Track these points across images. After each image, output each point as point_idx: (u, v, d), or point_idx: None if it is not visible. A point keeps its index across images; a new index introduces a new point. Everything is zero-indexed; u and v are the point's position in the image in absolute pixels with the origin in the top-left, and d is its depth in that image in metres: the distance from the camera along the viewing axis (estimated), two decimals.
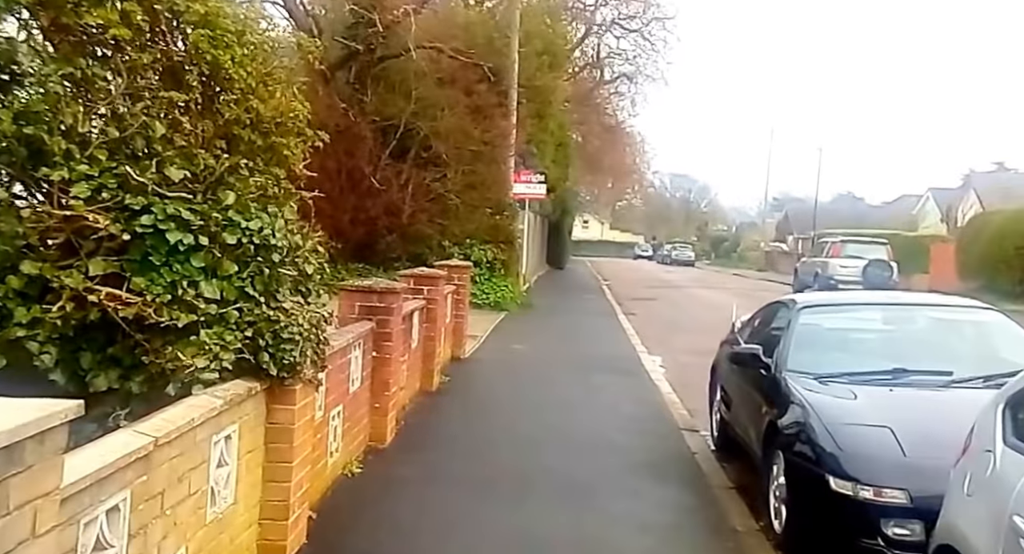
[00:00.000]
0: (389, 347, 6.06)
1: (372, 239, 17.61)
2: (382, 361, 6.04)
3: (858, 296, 7.01)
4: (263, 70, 3.82)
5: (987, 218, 26.43)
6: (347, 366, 5.35)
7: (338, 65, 18.33)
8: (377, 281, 6.11)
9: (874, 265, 23.60)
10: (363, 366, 5.71)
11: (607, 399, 8.42)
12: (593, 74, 36.43)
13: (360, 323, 5.86)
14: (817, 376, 4.83)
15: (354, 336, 5.42)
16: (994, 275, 24.44)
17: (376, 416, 6.03)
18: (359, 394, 5.65)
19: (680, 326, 16.25)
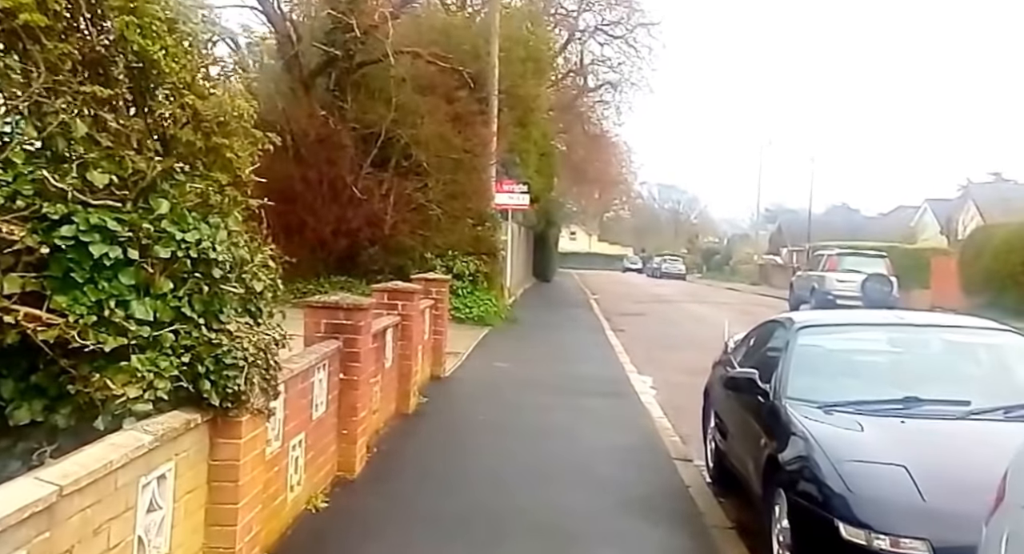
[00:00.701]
0: (358, 368, 5.72)
1: (354, 251, 17.33)
2: (350, 384, 5.69)
3: (862, 316, 6.65)
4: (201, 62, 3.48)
5: (991, 231, 25.93)
6: (309, 390, 5.00)
7: (317, 71, 18.13)
8: (344, 297, 5.76)
9: (873, 280, 23.21)
10: (328, 389, 5.36)
11: (594, 425, 8.08)
12: (577, 81, 36.35)
13: (325, 342, 5.51)
14: (820, 404, 4.50)
15: (317, 357, 5.08)
16: (1000, 291, 23.87)
17: (344, 444, 5.67)
18: (324, 420, 5.30)
19: (671, 343, 15.96)
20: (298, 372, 4.65)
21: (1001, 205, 33.20)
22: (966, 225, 35.83)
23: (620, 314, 22.44)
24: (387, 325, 7.23)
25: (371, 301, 5.90)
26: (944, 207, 45.79)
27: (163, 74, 3.31)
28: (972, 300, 25.42)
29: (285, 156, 17.03)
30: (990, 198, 36.51)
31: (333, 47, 17.10)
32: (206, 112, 3.53)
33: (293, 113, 17.11)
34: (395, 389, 7.65)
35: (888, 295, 23.13)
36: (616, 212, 75.57)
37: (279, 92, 17.85)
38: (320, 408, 5.19)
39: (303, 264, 17.07)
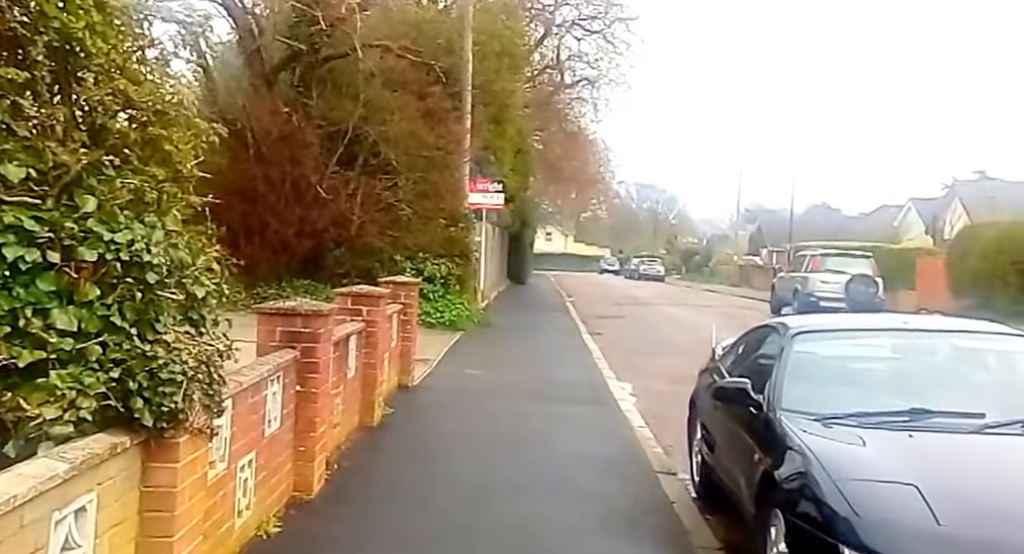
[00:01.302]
0: (316, 380, 5.42)
1: (319, 253, 16.98)
2: (307, 396, 5.39)
3: (862, 320, 6.17)
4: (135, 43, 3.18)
5: (979, 230, 25.69)
6: (261, 405, 4.70)
7: (281, 67, 17.78)
8: (302, 302, 5.47)
9: (858, 281, 23.02)
10: (283, 403, 5.06)
11: (571, 434, 7.84)
12: (553, 78, 36.17)
13: (281, 352, 5.21)
14: (819, 417, 4.25)
15: (270, 369, 4.78)
16: (989, 292, 23.62)
17: (301, 462, 5.37)
18: (279, 437, 5.00)
19: (651, 348, 15.78)
20: (248, 385, 4.36)
21: (988, 204, 33.09)
22: (953, 224, 35.78)
23: (597, 317, 22.26)
24: (350, 332, 6.94)
25: (332, 307, 5.62)
26: (929, 206, 45.63)
27: (89, 55, 3.02)
28: (960, 301, 25.15)
29: (246, 155, 16.68)
30: (976, 197, 36.47)
31: (297, 41, 16.75)
32: (141, 99, 3.23)
33: (255, 110, 16.74)
34: (358, 400, 7.36)
35: (873, 296, 22.95)
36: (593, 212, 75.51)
37: (240, 88, 17.47)
38: (274, 424, 4.90)
39: (264, 267, 16.71)
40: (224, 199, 17.58)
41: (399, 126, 17.16)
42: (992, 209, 30.89)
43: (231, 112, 16.89)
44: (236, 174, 16.69)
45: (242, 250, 17.35)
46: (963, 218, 35.89)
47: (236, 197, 16.71)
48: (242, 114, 16.65)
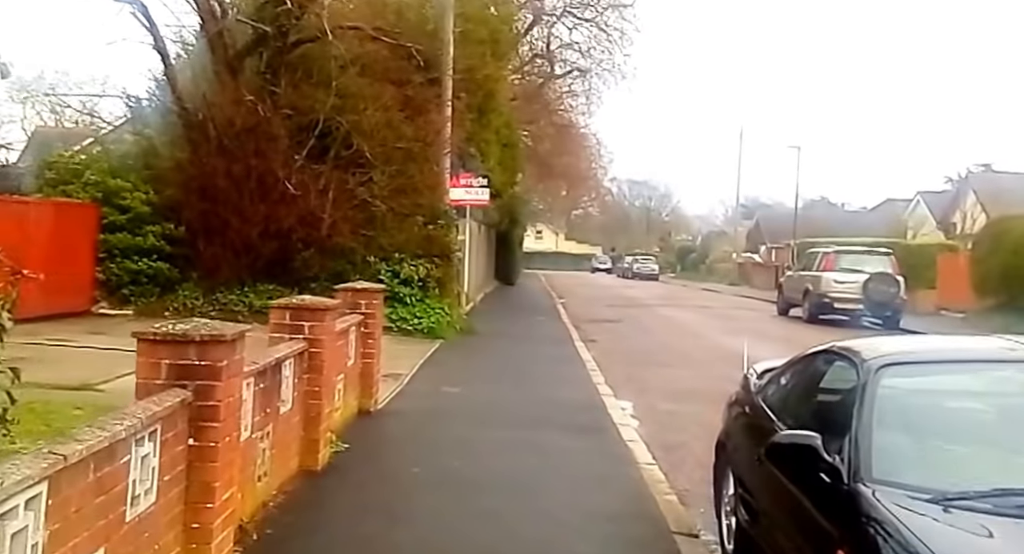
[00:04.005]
0: (216, 430, 4.03)
1: (286, 255, 15.57)
2: (204, 453, 4.00)
3: (969, 345, 4.40)
4: None
5: (1007, 224, 23.86)
6: (121, 476, 3.31)
7: (246, 51, 16.29)
8: (196, 325, 4.07)
9: (877, 280, 21.32)
10: (164, 468, 3.67)
11: (564, 478, 6.46)
12: (543, 68, 34.81)
13: (167, 393, 3.83)
14: (934, 496, 2.91)
15: (136, 424, 3.38)
16: (1019, 291, 21.88)
17: (194, 544, 3.97)
18: (153, 517, 3.60)
19: (651, 358, 14.41)
20: (88, 454, 2.97)
21: (1000, 196, 32.04)
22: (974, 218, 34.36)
23: (590, 321, 20.91)
24: (283, 357, 5.54)
25: (240, 329, 4.22)
26: (939, 200, 44.45)
27: None
28: (985, 302, 23.69)
29: (207, 148, 15.22)
30: (991, 189, 35.30)
31: (263, 23, 15.28)
32: None
33: (217, 99, 15.33)
34: (297, 439, 5.96)
35: (894, 297, 21.40)
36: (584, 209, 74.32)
37: (201, 75, 16.02)
38: (144, 500, 3.50)
39: (226, 270, 15.27)
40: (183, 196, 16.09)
41: (374, 116, 15.75)
42: (1005, 202, 29.70)
43: (191, 102, 15.52)
44: (196, 169, 15.35)
45: (202, 252, 16.15)
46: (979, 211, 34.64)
47: (195, 194, 15.34)
48: (203, 104, 15.26)
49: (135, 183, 15.19)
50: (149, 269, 14.96)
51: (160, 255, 15.09)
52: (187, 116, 15.47)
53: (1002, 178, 37.46)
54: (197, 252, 15.24)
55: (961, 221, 37.79)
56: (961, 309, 24.80)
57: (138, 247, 14.91)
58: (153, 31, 15.02)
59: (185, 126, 15.50)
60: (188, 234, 15.29)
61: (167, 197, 15.33)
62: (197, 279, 15.28)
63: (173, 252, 15.24)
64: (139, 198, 15.03)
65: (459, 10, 18.39)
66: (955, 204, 41.28)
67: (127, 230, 14.91)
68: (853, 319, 21.76)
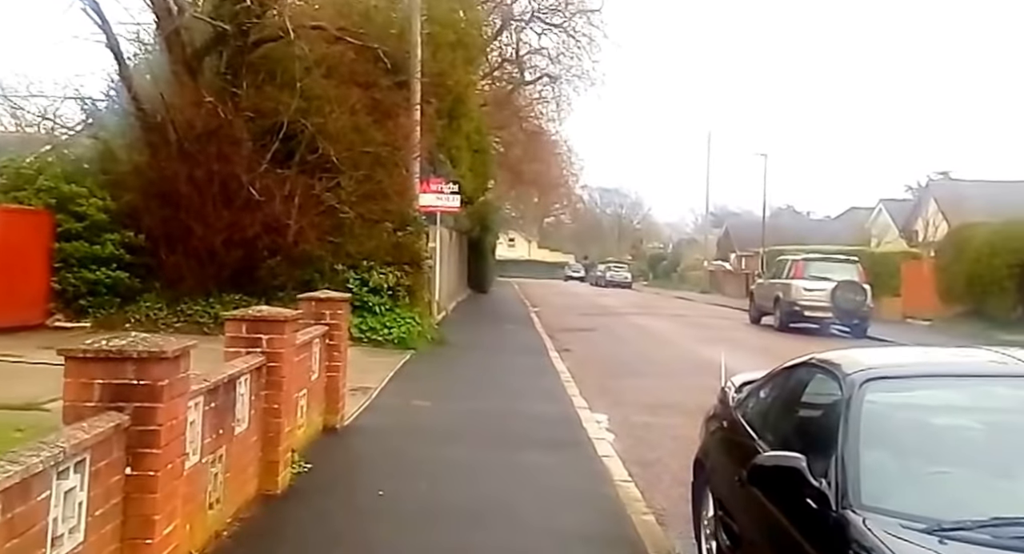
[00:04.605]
0: (156, 457, 3.65)
1: (252, 263, 15.09)
2: (143, 484, 3.62)
3: (957, 358, 4.09)
4: None
5: (970, 231, 24.40)
6: (38, 514, 2.93)
7: (205, 51, 15.79)
8: (133, 341, 3.69)
9: (844, 288, 21.43)
10: (90, 504, 3.28)
11: (538, 499, 6.13)
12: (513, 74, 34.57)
13: (99, 417, 3.45)
14: (928, 526, 2.67)
15: (57, 454, 3.00)
16: (983, 298, 22.44)
17: None
18: None
19: (626, 367, 14.14)
20: None
21: (960, 204, 32.45)
22: (937, 226, 34.80)
23: (564, 330, 20.63)
24: (238, 372, 5.16)
25: (182, 346, 3.84)
26: (901, 208, 45.08)
27: None
28: (951, 309, 24.13)
29: (167, 152, 14.71)
30: (951, 197, 35.80)
31: (222, 21, 14.81)
32: None
33: (176, 100, 14.83)
34: (255, 461, 5.58)
35: (862, 305, 21.47)
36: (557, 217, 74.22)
37: (159, 76, 15.51)
38: (67, 541, 3.12)
39: (190, 280, 14.74)
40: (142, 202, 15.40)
41: (341, 119, 15.39)
42: (966, 210, 30.09)
43: (149, 103, 15.01)
44: (156, 174, 14.82)
45: (164, 261, 15.57)
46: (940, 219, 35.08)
47: (156, 200, 14.81)
48: (162, 105, 14.76)
49: (91, 189, 14.59)
50: (108, 279, 14.36)
51: (119, 264, 14.50)
52: (145, 118, 14.93)
53: (961, 186, 38.05)
54: (159, 261, 14.71)
55: (923, 229, 38.26)
56: (927, 317, 25.12)
57: (96, 256, 14.30)
58: (105, 28, 14.41)
59: (143, 129, 14.97)
60: (149, 242, 14.73)
61: (126, 203, 14.78)
62: (160, 289, 14.74)
63: (133, 261, 14.66)
64: (96, 204, 14.45)
65: (427, 13, 18.09)
66: (917, 212, 41.89)
67: (84, 238, 14.31)
68: (822, 327, 21.83)
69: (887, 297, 25.86)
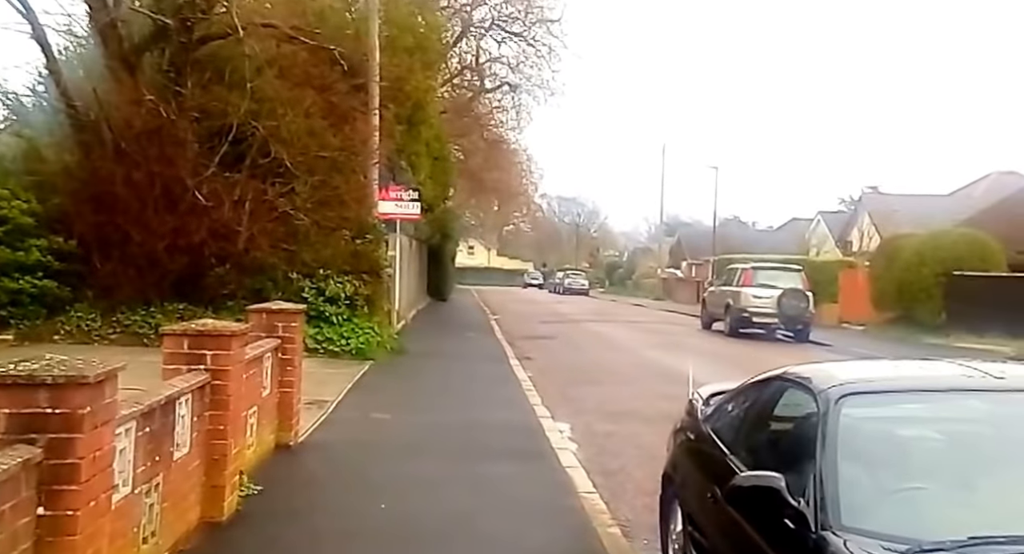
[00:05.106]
0: (75, 495, 3.19)
1: (198, 271, 14.38)
2: (60, 525, 3.16)
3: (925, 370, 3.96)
4: None
5: (900, 242, 25.49)
6: None
7: (144, 46, 14.96)
8: (47, 364, 3.21)
9: (789, 295, 21.82)
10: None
11: (501, 515, 5.77)
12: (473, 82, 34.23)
13: (4, 453, 2.99)
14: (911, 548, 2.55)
15: None
16: (912, 305, 23.46)
17: None
18: None
19: (586, 375, 13.82)
20: None
21: (890, 216, 33.72)
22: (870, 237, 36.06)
23: (525, 337, 20.29)
24: (177, 393, 4.69)
25: (108, 369, 3.38)
26: (837, 219, 46.85)
27: None
28: (883, 315, 25.13)
29: (101, 152, 13.89)
30: (882, 209, 37.34)
31: (165, 15, 14.11)
32: None
33: (112, 98, 14.04)
34: (197, 487, 5.10)
35: (805, 311, 21.95)
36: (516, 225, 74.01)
37: (94, 71, 14.72)
38: None
39: (128, 288, 13.86)
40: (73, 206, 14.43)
41: (295, 122, 14.78)
42: (897, 221, 31.21)
43: (81, 100, 14.17)
44: (88, 175, 13.96)
45: (98, 268, 14.72)
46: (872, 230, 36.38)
47: (88, 204, 13.91)
48: (95, 103, 13.98)
49: (14, 190, 13.57)
50: (33, 288, 13.30)
51: (47, 272, 13.49)
52: (76, 116, 14.05)
53: (890, 199, 39.52)
54: (92, 268, 13.83)
55: (858, 239, 39.76)
56: (861, 322, 26.11)
57: (19, 263, 13.24)
58: (31, 18, 13.46)
59: (74, 127, 14.13)
60: (81, 248, 13.83)
61: (54, 207, 13.86)
62: (93, 298, 13.85)
63: (63, 268, 13.69)
64: (19, 207, 13.41)
65: (385, 16, 17.67)
66: (851, 223, 43.54)
67: (5, 243, 13.24)
68: (768, 332, 22.32)
69: (826, 304, 26.73)
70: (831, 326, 25.76)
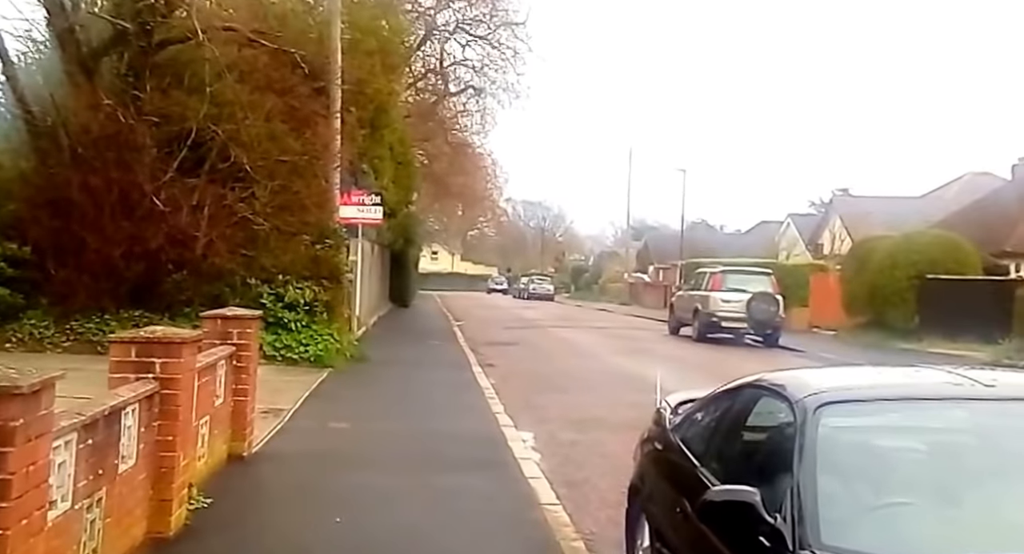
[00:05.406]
0: (5, 513, 3.05)
1: (155, 277, 14.07)
2: None
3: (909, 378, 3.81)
4: None
5: (872, 245, 25.16)
6: None
7: (103, 50, 14.73)
8: None
9: (759, 299, 21.73)
10: None
11: (462, 527, 5.68)
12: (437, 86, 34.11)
13: None
14: None
15: None
16: (884, 309, 23.07)
17: None
18: None
19: (550, 382, 13.77)
20: None
21: (862, 218, 33.69)
22: (842, 239, 35.99)
23: (488, 343, 20.20)
24: (122, 403, 4.54)
25: (44, 379, 3.25)
26: (808, 222, 46.74)
27: None
28: (854, 319, 24.84)
29: (58, 158, 13.55)
30: (854, 212, 37.21)
31: (123, 19, 13.86)
32: None
33: (69, 103, 13.77)
34: (143, 501, 4.94)
35: (775, 316, 21.86)
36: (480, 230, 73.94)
37: (52, 76, 14.42)
38: None
39: (83, 295, 13.48)
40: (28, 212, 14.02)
41: (255, 126, 14.54)
42: (870, 224, 31.23)
43: (38, 105, 13.86)
44: (45, 181, 13.62)
45: (53, 275, 14.39)
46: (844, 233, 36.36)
47: (44, 210, 13.53)
48: (52, 108, 13.68)
49: None
50: None
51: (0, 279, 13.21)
52: (33, 121, 13.72)
53: (862, 201, 39.55)
54: (47, 275, 13.48)
55: (829, 242, 39.62)
56: (832, 327, 25.84)
57: None
58: None
59: (31, 133, 13.82)
60: (35, 255, 13.43)
61: (9, 213, 13.54)
62: (47, 306, 13.51)
63: (16, 275, 13.31)
64: None
65: (348, 19, 17.48)
66: (822, 226, 43.46)
67: None
68: (738, 337, 22.20)
69: (796, 308, 26.44)
70: (802, 331, 25.60)
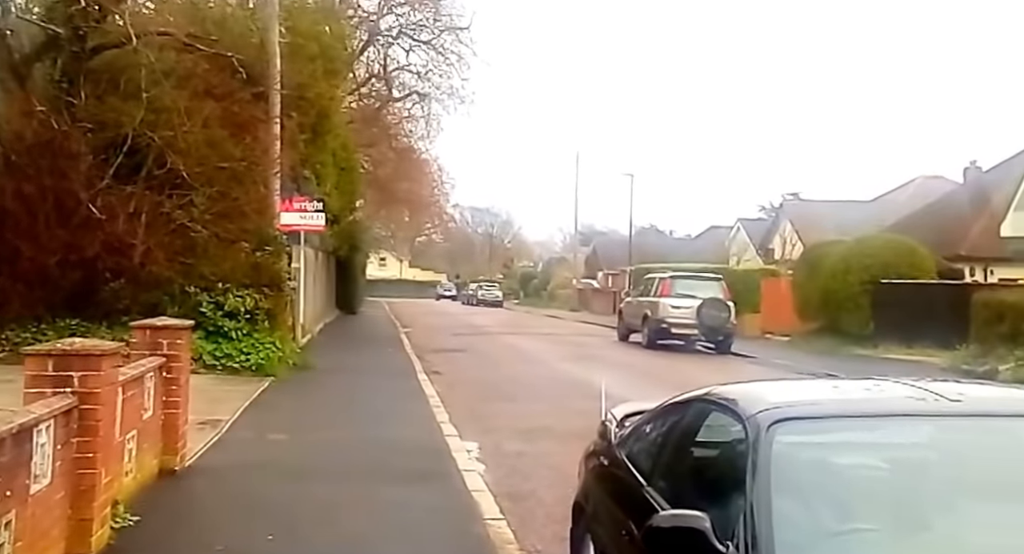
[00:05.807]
0: None
1: (92, 286, 13.72)
2: None
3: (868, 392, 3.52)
4: None
5: (824, 249, 24.79)
6: None
7: (35, 56, 14.40)
8: None
9: (709, 305, 21.45)
10: None
11: (400, 544, 5.56)
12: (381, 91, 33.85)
13: None
14: None
15: None
16: (838, 314, 22.59)
17: None
18: None
19: (498, 390, 13.67)
20: None
21: (813, 223, 33.86)
22: (793, 244, 36.06)
23: (435, 350, 20.04)
24: (35, 420, 4.31)
25: None
26: (757, 227, 47.01)
27: None
28: (807, 325, 24.42)
29: None
30: (804, 216, 37.39)
31: (56, 24, 13.49)
32: None
33: (1, 109, 13.49)
34: (61, 521, 4.71)
35: (726, 322, 21.62)
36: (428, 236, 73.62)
37: None
38: None
39: (17, 304, 13.09)
40: None
41: (193, 133, 14.23)
42: (820, 228, 31.30)
43: None
44: None
45: None
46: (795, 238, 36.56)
47: None
48: None
49: None
50: None
51: None
52: None
53: (812, 205, 39.82)
54: None
55: (780, 247, 39.47)
56: (785, 332, 25.44)
57: None
58: None
59: None
60: None
61: None
62: None
63: None
64: None
65: (289, 24, 17.22)
66: (773, 231, 43.51)
67: None
68: (688, 344, 22.02)
69: (747, 314, 26.07)
70: (754, 337, 25.35)
